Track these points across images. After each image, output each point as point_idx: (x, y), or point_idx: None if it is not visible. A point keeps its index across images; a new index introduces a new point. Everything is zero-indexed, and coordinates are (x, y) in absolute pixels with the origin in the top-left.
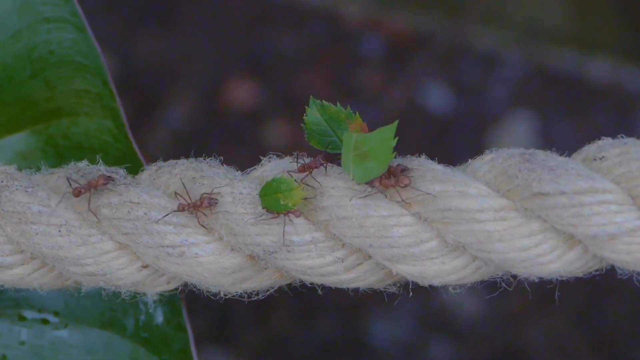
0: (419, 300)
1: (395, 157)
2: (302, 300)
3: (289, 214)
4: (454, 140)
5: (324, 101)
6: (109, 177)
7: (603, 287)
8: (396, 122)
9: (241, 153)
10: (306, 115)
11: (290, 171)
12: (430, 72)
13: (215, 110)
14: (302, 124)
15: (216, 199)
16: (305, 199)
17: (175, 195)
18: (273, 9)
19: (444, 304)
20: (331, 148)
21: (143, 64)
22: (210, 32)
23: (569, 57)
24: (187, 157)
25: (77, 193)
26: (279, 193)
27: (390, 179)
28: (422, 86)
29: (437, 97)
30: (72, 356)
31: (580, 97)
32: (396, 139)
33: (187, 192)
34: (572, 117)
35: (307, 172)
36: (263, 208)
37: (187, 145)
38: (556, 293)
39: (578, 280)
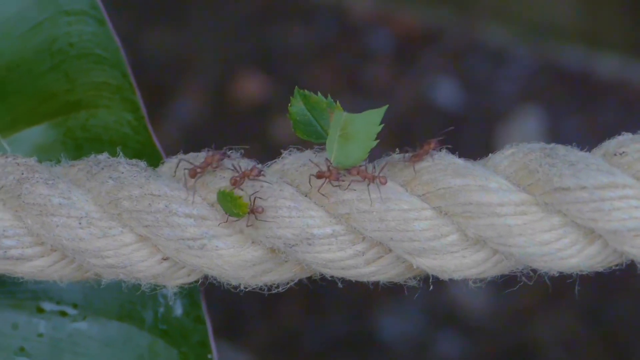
0: (428, 295)
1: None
2: (311, 295)
3: (254, 213)
4: (462, 136)
5: (306, 91)
6: (224, 153)
7: (613, 283)
8: (385, 107)
9: (250, 147)
10: (291, 105)
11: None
12: (439, 68)
13: (224, 104)
14: (286, 115)
15: (264, 172)
16: (253, 211)
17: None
18: (283, 4)
19: (454, 299)
20: (315, 138)
21: (152, 58)
22: (219, 26)
23: (578, 53)
24: (196, 152)
25: (193, 173)
26: (229, 203)
27: (368, 172)
28: (431, 82)
29: (446, 93)
30: (91, 348)
31: (588, 93)
32: (381, 125)
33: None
34: (580, 113)
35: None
36: (226, 214)
37: (196, 140)
38: (576, 287)
39: (587, 276)
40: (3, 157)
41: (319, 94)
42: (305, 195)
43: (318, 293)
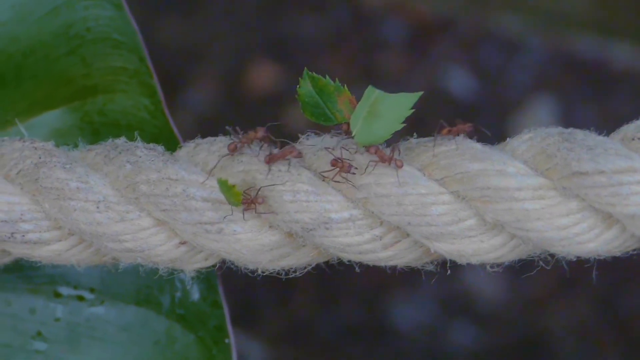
0: (441, 284)
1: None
2: (324, 283)
3: (254, 202)
4: (476, 125)
5: (314, 73)
6: (267, 129)
7: (627, 271)
8: (420, 93)
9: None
10: (299, 87)
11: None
12: (452, 57)
13: (237, 93)
14: (295, 96)
15: (300, 153)
16: (254, 201)
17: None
18: None
19: (467, 287)
20: (324, 120)
21: (165, 47)
22: (233, 15)
23: (591, 41)
24: None
25: (232, 147)
26: (226, 194)
27: (386, 154)
28: (444, 70)
29: (459, 82)
30: (108, 333)
31: (601, 82)
32: (412, 110)
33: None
34: (594, 102)
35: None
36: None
37: (208, 128)
38: (593, 272)
39: (601, 264)
40: (20, 141)
41: (327, 77)
42: (323, 180)
43: (331, 282)
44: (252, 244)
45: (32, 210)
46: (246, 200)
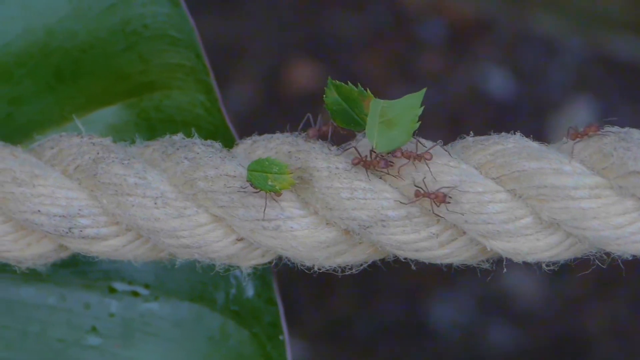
0: (479, 283)
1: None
2: (363, 282)
3: (272, 193)
4: (514, 126)
5: (336, 81)
6: (389, 162)
7: None
8: (423, 90)
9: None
10: (325, 96)
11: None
12: (491, 57)
13: (276, 92)
14: (323, 105)
15: (392, 162)
16: (295, 184)
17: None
18: None
19: (504, 287)
20: (354, 126)
21: (205, 45)
22: (272, 14)
23: (630, 42)
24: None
25: (355, 162)
26: (269, 173)
27: (412, 152)
28: (483, 71)
29: (498, 82)
30: (162, 329)
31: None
32: (422, 107)
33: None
34: (632, 103)
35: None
36: (247, 181)
37: (248, 127)
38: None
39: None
40: (78, 137)
41: (349, 83)
42: (380, 177)
43: (369, 280)
44: (309, 241)
45: (90, 206)
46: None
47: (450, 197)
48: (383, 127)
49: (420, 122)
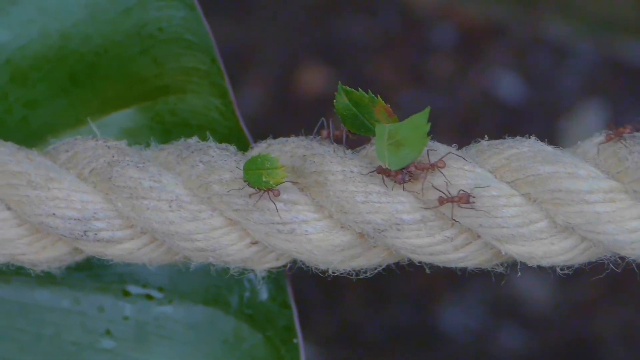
0: (489, 287)
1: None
2: (373, 287)
3: (269, 192)
4: (524, 130)
5: (347, 87)
6: (470, 196)
7: None
8: (428, 108)
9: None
10: (336, 102)
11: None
12: (502, 62)
13: (287, 96)
14: (334, 110)
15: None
16: (290, 181)
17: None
18: None
19: (515, 291)
20: (364, 131)
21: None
22: (282, 18)
23: None
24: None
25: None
26: (262, 170)
27: (425, 163)
28: (493, 75)
29: (508, 87)
30: (176, 332)
31: None
32: (429, 124)
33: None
34: None
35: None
36: (245, 181)
37: (259, 130)
38: None
39: None
40: (93, 140)
41: (360, 89)
42: (395, 181)
43: (380, 284)
44: (324, 245)
45: (105, 209)
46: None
47: (474, 197)
48: (392, 148)
49: (430, 136)
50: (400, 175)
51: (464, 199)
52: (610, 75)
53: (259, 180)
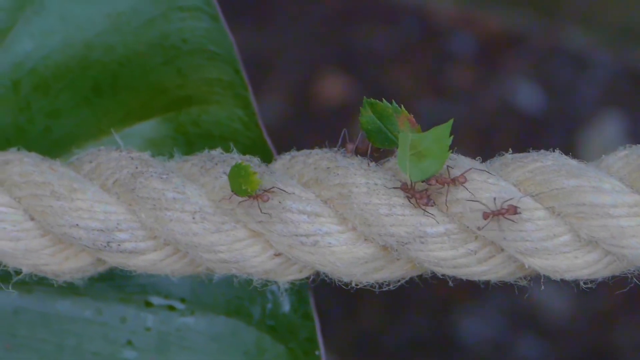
0: (508, 297)
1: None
2: (392, 296)
3: (258, 198)
4: (543, 140)
5: (371, 99)
6: (516, 208)
7: None
8: (451, 120)
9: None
10: (361, 116)
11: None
12: (521, 72)
13: (306, 105)
14: (359, 126)
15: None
16: (269, 189)
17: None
18: (365, 5)
19: (534, 301)
20: (389, 145)
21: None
22: (302, 27)
23: None
24: (278, 151)
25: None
26: (240, 177)
27: (446, 177)
28: (513, 85)
29: (527, 97)
30: (198, 343)
31: None
32: (451, 137)
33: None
34: None
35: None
36: (232, 191)
37: (278, 140)
38: None
39: None
40: (117, 151)
41: (384, 100)
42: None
43: (398, 294)
44: (347, 257)
45: (128, 220)
46: (256, 195)
47: (520, 208)
48: (414, 158)
49: (452, 151)
50: (425, 199)
51: (512, 210)
52: (629, 85)
53: (239, 189)
